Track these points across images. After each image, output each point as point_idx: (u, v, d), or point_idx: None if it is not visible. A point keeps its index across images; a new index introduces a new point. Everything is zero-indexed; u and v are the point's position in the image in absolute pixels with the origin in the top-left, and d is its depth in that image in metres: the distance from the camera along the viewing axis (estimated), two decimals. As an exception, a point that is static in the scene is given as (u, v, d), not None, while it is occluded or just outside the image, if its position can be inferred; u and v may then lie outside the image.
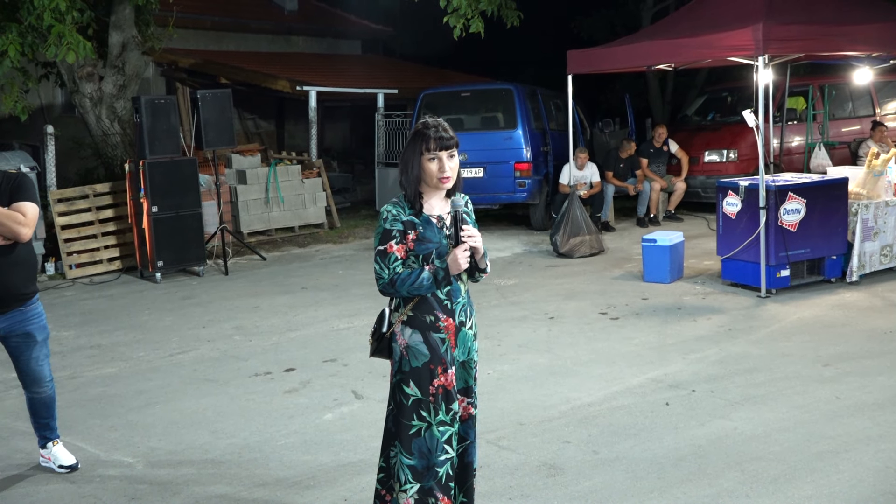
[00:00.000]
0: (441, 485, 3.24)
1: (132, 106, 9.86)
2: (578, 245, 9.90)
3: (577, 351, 6.34)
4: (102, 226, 10.07)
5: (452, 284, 3.25)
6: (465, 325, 3.32)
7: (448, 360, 3.26)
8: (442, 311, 3.25)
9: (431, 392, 3.24)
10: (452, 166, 3.23)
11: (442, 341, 3.25)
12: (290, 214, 12.12)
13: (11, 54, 9.79)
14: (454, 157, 3.24)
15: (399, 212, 3.22)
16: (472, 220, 3.38)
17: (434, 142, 3.19)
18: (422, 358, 3.23)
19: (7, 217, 4.07)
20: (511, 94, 11.96)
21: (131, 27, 11.61)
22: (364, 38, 21.62)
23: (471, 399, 3.40)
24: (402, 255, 3.20)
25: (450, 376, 3.26)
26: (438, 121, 3.27)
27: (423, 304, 3.24)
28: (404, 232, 3.19)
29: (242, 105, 16.28)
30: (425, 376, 3.23)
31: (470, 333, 3.35)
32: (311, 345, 6.73)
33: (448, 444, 3.25)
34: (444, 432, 3.25)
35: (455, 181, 3.28)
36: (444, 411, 3.25)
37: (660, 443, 4.60)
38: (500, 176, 11.70)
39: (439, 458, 3.24)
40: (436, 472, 3.23)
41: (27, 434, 4.96)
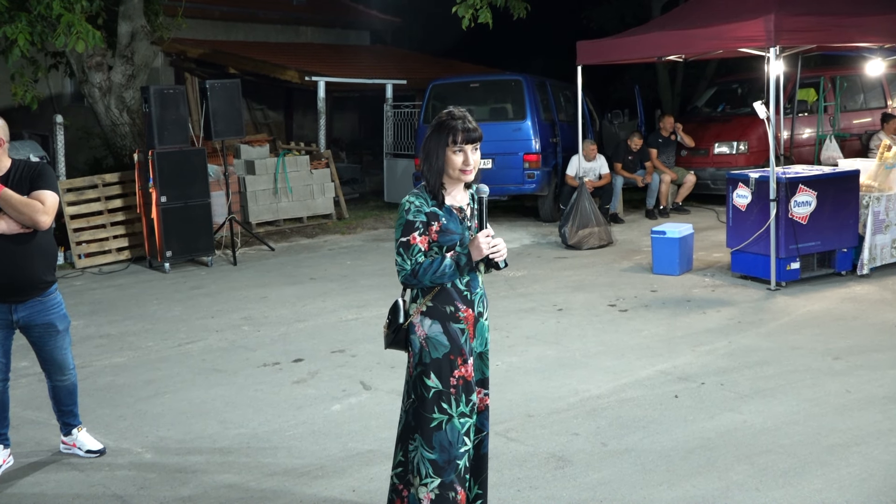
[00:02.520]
0: (460, 477, 3.23)
1: (141, 96, 9.85)
2: (587, 237, 9.87)
3: (586, 343, 6.33)
4: (111, 215, 10.09)
5: (472, 274, 3.24)
6: (483, 315, 3.32)
7: (467, 350, 3.25)
8: (462, 301, 3.24)
9: (452, 384, 3.22)
10: (476, 159, 3.22)
11: (462, 332, 3.23)
12: (298, 205, 12.12)
13: (21, 44, 9.81)
14: (478, 150, 3.23)
15: (422, 203, 3.18)
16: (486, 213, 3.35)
17: (462, 134, 3.16)
18: (442, 349, 3.21)
19: (26, 205, 4.09)
20: (520, 85, 11.92)
21: (140, 17, 11.60)
22: (372, 29, 21.59)
23: (487, 390, 3.41)
24: (425, 246, 3.17)
25: (469, 367, 3.25)
26: (464, 112, 3.25)
27: (442, 295, 3.22)
28: (427, 223, 3.17)
29: (251, 95, 16.28)
30: (446, 367, 3.21)
31: (486, 324, 3.36)
32: (320, 335, 6.73)
33: (467, 435, 3.25)
34: (464, 424, 3.24)
35: (476, 173, 3.27)
36: (464, 403, 3.24)
37: (669, 435, 4.59)
38: (508, 167, 11.67)
39: (459, 450, 3.22)
40: (456, 465, 3.22)
41: (37, 423, 4.98)
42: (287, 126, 17.92)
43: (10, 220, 4.08)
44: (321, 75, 13.76)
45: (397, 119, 14.24)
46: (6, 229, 4.08)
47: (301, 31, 19.39)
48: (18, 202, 4.07)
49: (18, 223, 4.10)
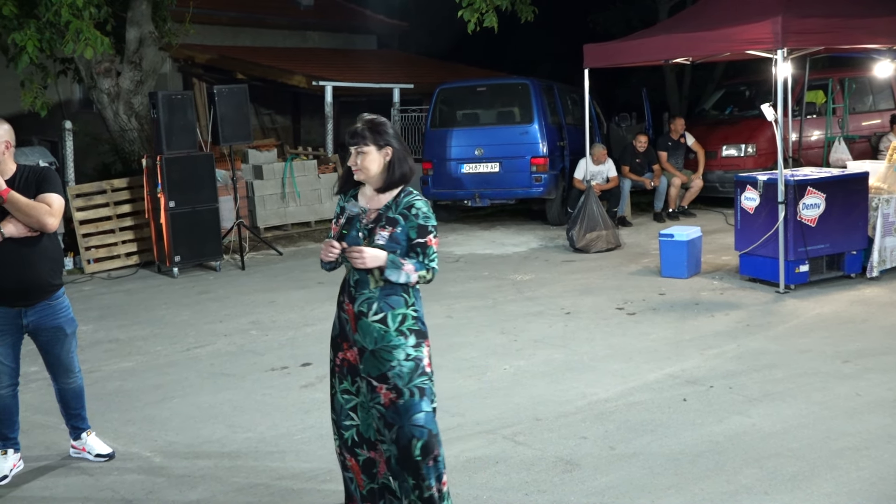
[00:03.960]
0: (347, 447, 3.59)
1: (149, 101, 9.89)
2: (595, 240, 9.86)
3: (594, 346, 6.32)
4: (120, 221, 10.13)
5: (360, 275, 3.44)
6: (366, 315, 3.44)
7: (350, 339, 3.50)
8: (347, 296, 3.51)
9: (337, 363, 3.59)
10: (360, 161, 3.45)
11: (346, 321, 3.51)
12: (306, 209, 12.14)
13: (30, 50, 9.85)
14: (362, 153, 3.45)
15: (342, 198, 3.62)
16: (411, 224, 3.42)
17: (348, 137, 3.49)
18: (333, 331, 3.61)
19: (34, 208, 4.12)
20: (527, 89, 11.93)
21: (148, 23, 11.65)
22: (379, 33, 21.61)
23: (389, 386, 3.43)
24: (335, 233, 3.52)
25: (353, 353, 3.51)
26: (367, 118, 3.50)
27: (342, 285, 3.58)
28: (338, 215, 3.57)
29: (258, 100, 16.31)
30: (333, 347, 3.61)
31: (376, 325, 3.43)
32: (328, 339, 6.64)
33: (353, 412, 3.56)
34: (348, 400, 3.56)
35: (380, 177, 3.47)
36: (348, 382, 3.55)
37: (677, 439, 4.58)
38: (516, 171, 11.68)
39: (344, 422, 3.58)
40: (342, 434, 3.59)
41: (46, 427, 5.00)
42: (294, 131, 17.96)
43: (19, 224, 4.11)
44: (328, 80, 13.79)
45: (404, 123, 14.26)
46: (15, 232, 4.10)
47: (308, 37, 19.43)
48: (26, 205, 4.10)
49: (26, 226, 4.12)
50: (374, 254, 3.36)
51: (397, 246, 3.40)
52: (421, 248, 3.42)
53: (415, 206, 3.44)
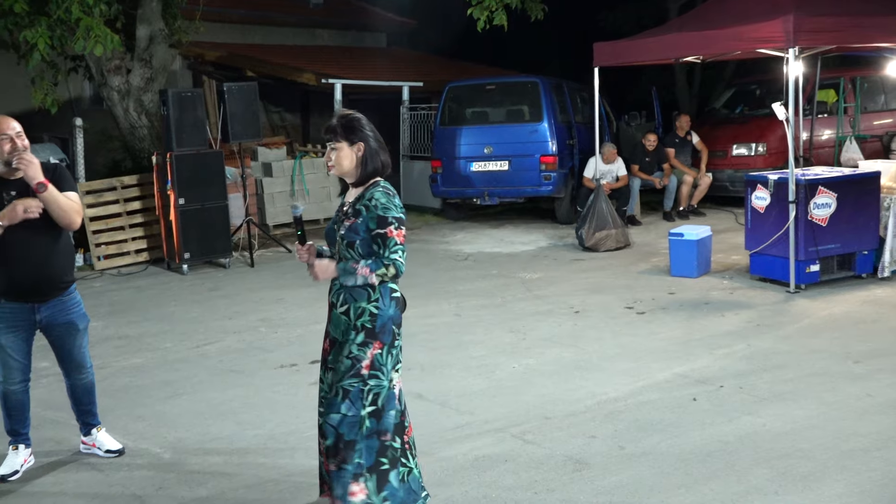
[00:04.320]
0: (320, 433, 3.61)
1: (159, 99, 9.92)
2: (604, 239, 9.84)
3: (603, 345, 6.31)
4: (130, 217, 10.15)
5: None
6: (337, 307, 3.53)
7: (328, 330, 3.62)
8: (330, 287, 3.62)
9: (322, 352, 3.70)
10: (333, 157, 3.52)
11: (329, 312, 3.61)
12: (315, 207, 12.15)
13: (41, 47, 9.87)
14: (335, 149, 3.51)
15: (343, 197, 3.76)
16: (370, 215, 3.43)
17: (322, 133, 3.58)
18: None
19: (70, 207, 4.19)
20: (537, 87, 11.91)
21: (158, 20, 11.67)
22: (388, 31, 21.61)
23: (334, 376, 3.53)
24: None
25: (327, 344, 3.62)
26: (341, 115, 3.57)
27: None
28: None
29: (268, 98, 16.33)
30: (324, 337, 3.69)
31: (342, 317, 3.51)
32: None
33: (320, 403, 3.63)
34: (321, 388, 3.65)
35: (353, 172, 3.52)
36: (322, 371, 3.66)
37: (687, 438, 4.57)
38: (525, 169, 11.66)
39: (319, 409, 3.64)
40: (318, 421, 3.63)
41: (57, 423, 5.02)
42: (304, 128, 17.97)
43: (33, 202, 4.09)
44: (338, 78, 13.79)
45: (413, 121, 14.26)
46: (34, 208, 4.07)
47: (317, 34, 19.43)
48: (63, 202, 4.16)
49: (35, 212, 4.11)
50: (322, 267, 3.48)
51: (356, 236, 3.45)
52: (381, 240, 3.41)
53: (374, 198, 3.45)
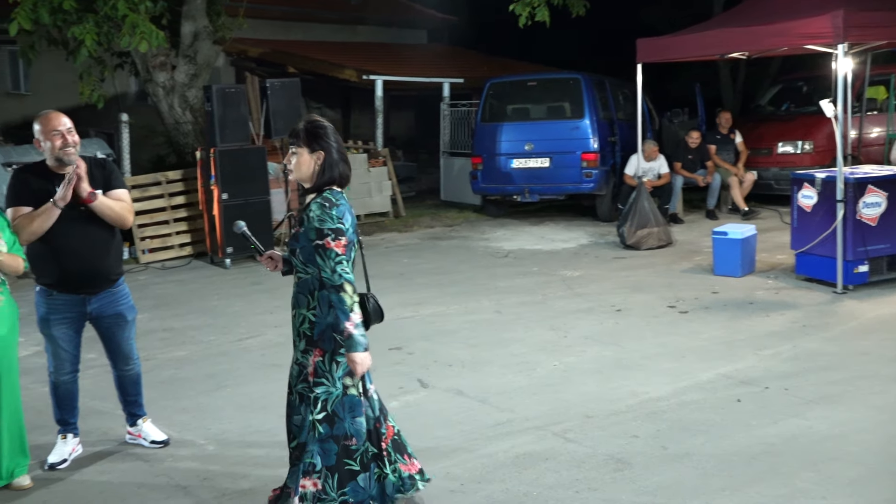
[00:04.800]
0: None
1: (203, 95, 10.03)
2: (646, 237, 9.75)
3: (645, 344, 6.25)
4: (174, 212, 10.29)
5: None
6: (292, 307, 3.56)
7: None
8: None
9: None
10: (293, 161, 3.51)
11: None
12: (355, 203, 12.20)
13: (88, 44, 10.04)
14: (295, 154, 3.50)
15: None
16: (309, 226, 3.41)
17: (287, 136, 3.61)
18: None
19: (122, 209, 4.34)
20: (578, 84, 11.83)
21: (203, 17, 11.80)
22: (429, 28, 21.64)
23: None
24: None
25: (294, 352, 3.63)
26: (308, 120, 3.55)
27: None
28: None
29: (309, 94, 16.43)
30: None
31: (294, 322, 3.56)
32: (376, 332, 6.61)
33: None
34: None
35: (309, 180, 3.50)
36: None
37: (731, 440, 4.50)
38: (566, 166, 11.59)
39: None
40: None
41: (104, 413, 5.10)
42: (344, 125, 18.06)
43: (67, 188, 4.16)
44: (379, 74, 13.83)
45: (454, 118, 14.25)
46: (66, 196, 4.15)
47: (358, 31, 19.52)
48: (114, 206, 4.30)
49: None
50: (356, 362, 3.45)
51: (296, 244, 3.46)
52: (321, 252, 3.37)
53: (311, 209, 3.42)
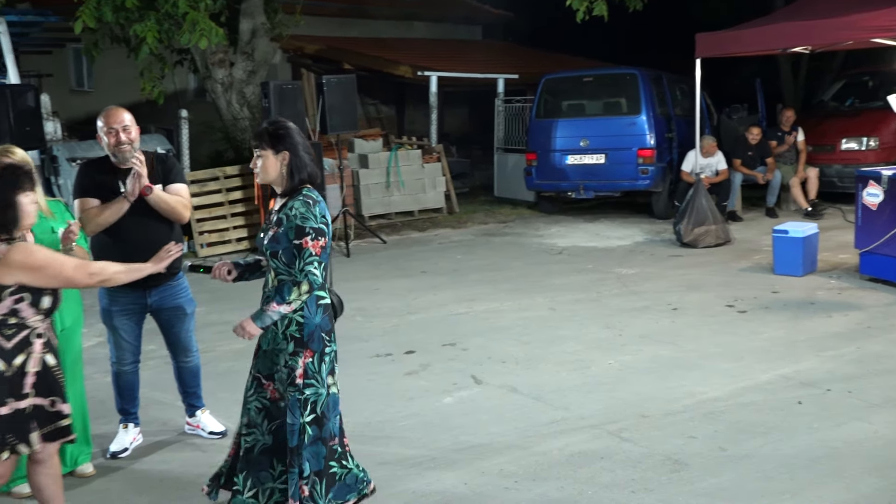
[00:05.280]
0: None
1: (261, 91, 10.14)
2: (703, 235, 9.59)
3: (702, 344, 6.15)
4: (231, 207, 10.44)
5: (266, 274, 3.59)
6: None
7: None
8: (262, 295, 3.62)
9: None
10: (259, 164, 3.49)
11: None
12: (409, 199, 12.25)
13: (149, 41, 10.22)
14: (261, 156, 3.48)
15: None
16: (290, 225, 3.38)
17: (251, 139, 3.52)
18: None
19: (177, 203, 4.43)
20: (635, 79, 11.69)
21: (261, 14, 11.94)
22: (484, 24, 21.57)
23: (275, 386, 3.55)
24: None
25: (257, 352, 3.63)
26: (270, 121, 3.56)
27: None
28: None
29: (363, 90, 16.51)
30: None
31: (271, 328, 3.50)
32: (431, 328, 6.78)
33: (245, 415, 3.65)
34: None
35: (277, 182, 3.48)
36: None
37: (791, 442, 4.40)
38: (621, 162, 11.47)
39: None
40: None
41: (163, 404, 5.20)
42: (398, 121, 18.12)
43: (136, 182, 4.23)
44: (433, 70, 13.84)
45: (508, 114, 14.20)
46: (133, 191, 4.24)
47: (413, 27, 19.56)
48: (170, 200, 4.39)
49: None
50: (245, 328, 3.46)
51: (278, 246, 3.41)
52: (297, 251, 3.35)
53: (294, 207, 3.39)
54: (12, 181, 3.33)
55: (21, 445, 3.30)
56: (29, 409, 3.33)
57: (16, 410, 3.29)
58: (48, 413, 3.38)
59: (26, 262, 3.26)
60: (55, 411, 3.40)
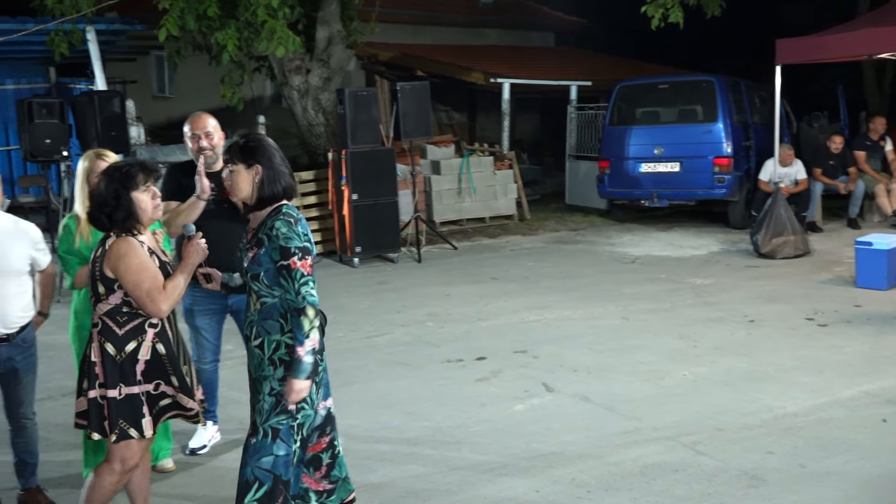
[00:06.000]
0: None
1: (336, 98, 10.29)
2: (781, 245, 9.36)
3: (780, 357, 6.00)
4: (306, 211, 10.60)
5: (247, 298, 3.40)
6: (251, 340, 3.31)
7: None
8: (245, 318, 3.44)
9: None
10: (231, 180, 3.33)
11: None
12: (481, 205, 12.26)
13: (230, 48, 10.49)
14: (233, 171, 3.33)
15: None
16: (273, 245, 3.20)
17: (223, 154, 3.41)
18: None
19: None
20: (712, 86, 11.48)
21: (337, 22, 12.13)
22: (557, 30, 21.50)
23: (251, 421, 3.28)
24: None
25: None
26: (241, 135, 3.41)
27: None
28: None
29: (436, 96, 16.57)
30: None
31: (257, 352, 3.28)
32: (502, 335, 6.77)
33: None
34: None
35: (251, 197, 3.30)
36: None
37: (875, 461, 4.27)
38: (697, 171, 11.28)
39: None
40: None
41: (240, 403, 5.29)
42: (470, 127, 18.17)
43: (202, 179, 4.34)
44: (506, 77, 13.85)
45: (580, 121, 14.11)
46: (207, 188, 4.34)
47: (486, 34, 19.60)
48: None
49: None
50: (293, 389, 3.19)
51: (259, 268, 3.23)
52: (285, 273, 3.17)
53: (274, 227, 3.21)
54: (120, 179, 3.39)
55: (132, 430, 3.35)
56: (141, 394, 3.37)
57: (127, 396, 3.35)
58: (154, 397, 3.40)
59: (117, 260, 3.34)
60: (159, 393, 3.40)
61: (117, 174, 3.42)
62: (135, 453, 3.42)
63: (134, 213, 3.39)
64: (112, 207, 3.37)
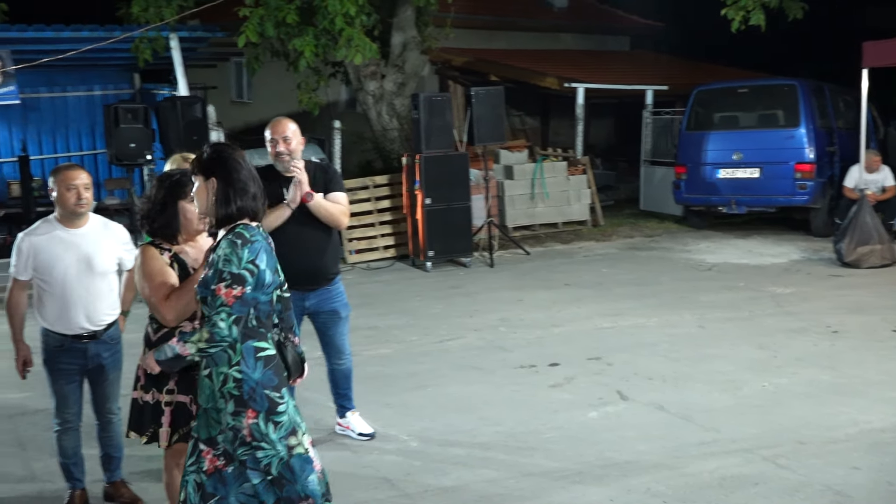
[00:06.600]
0: None
1: (411, 103, 10.37)
2: (867, 254, 9.06)
3: (865, 370, 5.80)
4: (380, 215, 10.71)
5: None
6: (201, 369, 3.06)
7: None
8: None
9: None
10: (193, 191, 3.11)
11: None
12: (554, 211, 12.19)
13: (307, 55, 10.66)
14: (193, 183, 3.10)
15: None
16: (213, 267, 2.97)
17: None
18: None
19: (336, 210, 4.59)
20: (794, 90, 11.19)
21: (412, 28, 12.23)
22: (632, 34, 21.24)
23: (218, 452, 3.01)
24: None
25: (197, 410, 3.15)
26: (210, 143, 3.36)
27: None
28: None
29: (509, 101, 16.53)
30: None
31: (206, 382, 3.02)
32: (575, 341, 6.71)
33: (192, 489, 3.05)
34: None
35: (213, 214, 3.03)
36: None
37: (969, 480, 4.09)
38: (778, 177, 11.00)
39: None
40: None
41: (315, 404, 5.38)
42: (543, 132, 18.08)
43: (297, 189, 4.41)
44: (580, 82, 13.74)
45: (656, 126, 13.90)
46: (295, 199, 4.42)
47: (560, 38, 19.48)
48: (329, 207, 4.54)
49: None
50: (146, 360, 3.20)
51: (206, 291, 2.96)
52: (210, 297, 2.93)
53: (220, 246, 2.96)
54: (170, 186, 3.45)
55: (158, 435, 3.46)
56: (170, 403, 3.44)
57: (157, 402, 3.45)
58: (188, 412, 3.43)
59: (137, 267, 3.43)
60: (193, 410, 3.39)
61: (168, 182, 3.47)
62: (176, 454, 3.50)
63: (175, 221, 3.43)
64: (156, 214, 3.43)
